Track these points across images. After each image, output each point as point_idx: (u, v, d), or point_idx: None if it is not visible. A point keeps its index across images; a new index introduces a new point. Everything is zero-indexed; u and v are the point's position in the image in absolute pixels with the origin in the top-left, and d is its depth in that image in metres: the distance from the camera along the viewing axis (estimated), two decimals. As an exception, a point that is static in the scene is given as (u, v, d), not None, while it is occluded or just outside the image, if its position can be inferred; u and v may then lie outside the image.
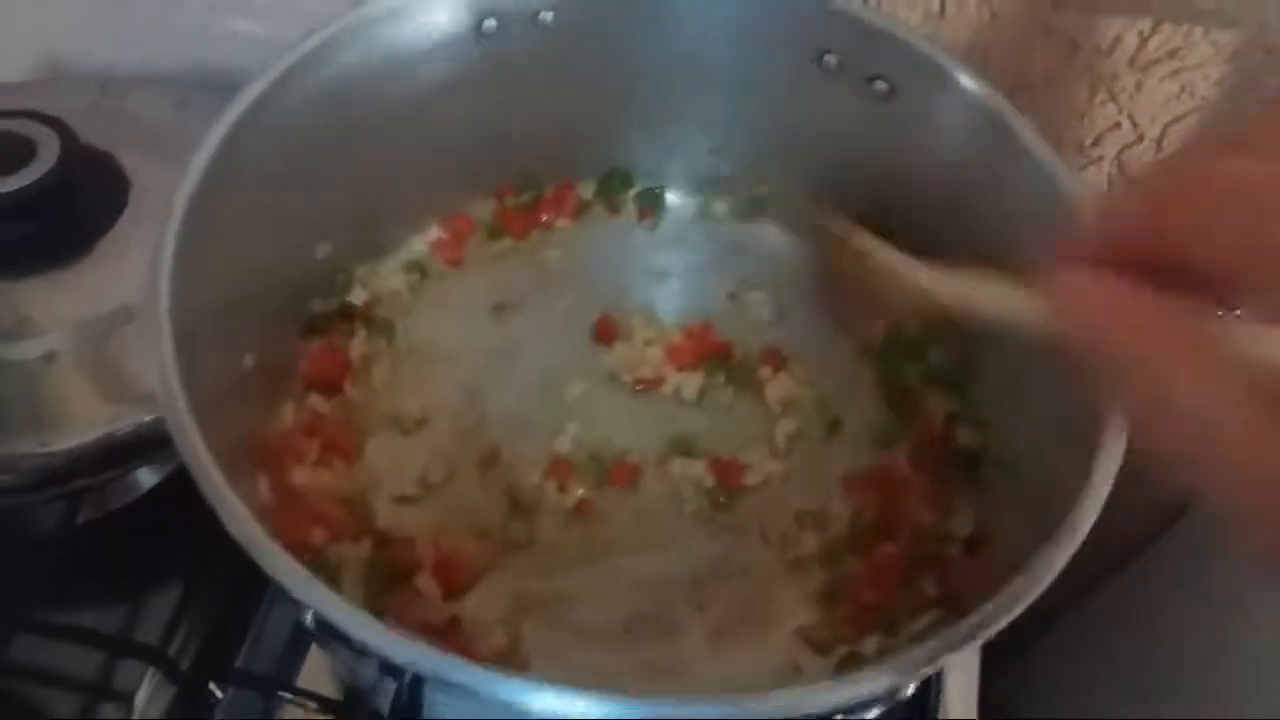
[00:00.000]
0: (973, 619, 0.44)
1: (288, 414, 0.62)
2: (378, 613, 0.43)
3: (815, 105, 0.65)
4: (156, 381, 0.47)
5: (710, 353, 0.69)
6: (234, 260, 0.55)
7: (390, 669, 0.44)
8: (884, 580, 0.60)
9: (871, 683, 0.44)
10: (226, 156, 0.54)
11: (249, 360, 0.60)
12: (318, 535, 0.58)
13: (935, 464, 0.62)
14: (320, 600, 0.42)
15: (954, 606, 0.57)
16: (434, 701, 0.47)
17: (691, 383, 0.68)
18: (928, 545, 0.60)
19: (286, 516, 0.57)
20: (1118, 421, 0.47)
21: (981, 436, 0.62)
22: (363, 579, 0.58)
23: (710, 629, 0.60)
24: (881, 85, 0.63)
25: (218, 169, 0.53)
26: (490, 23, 0.64)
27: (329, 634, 0.44)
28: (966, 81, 0.60)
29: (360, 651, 0.43)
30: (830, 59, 0.64)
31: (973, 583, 0.55)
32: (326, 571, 0.57)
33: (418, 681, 0.44)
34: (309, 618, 0.45)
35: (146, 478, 0.67)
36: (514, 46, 0.64)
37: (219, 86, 0.72)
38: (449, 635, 0.57)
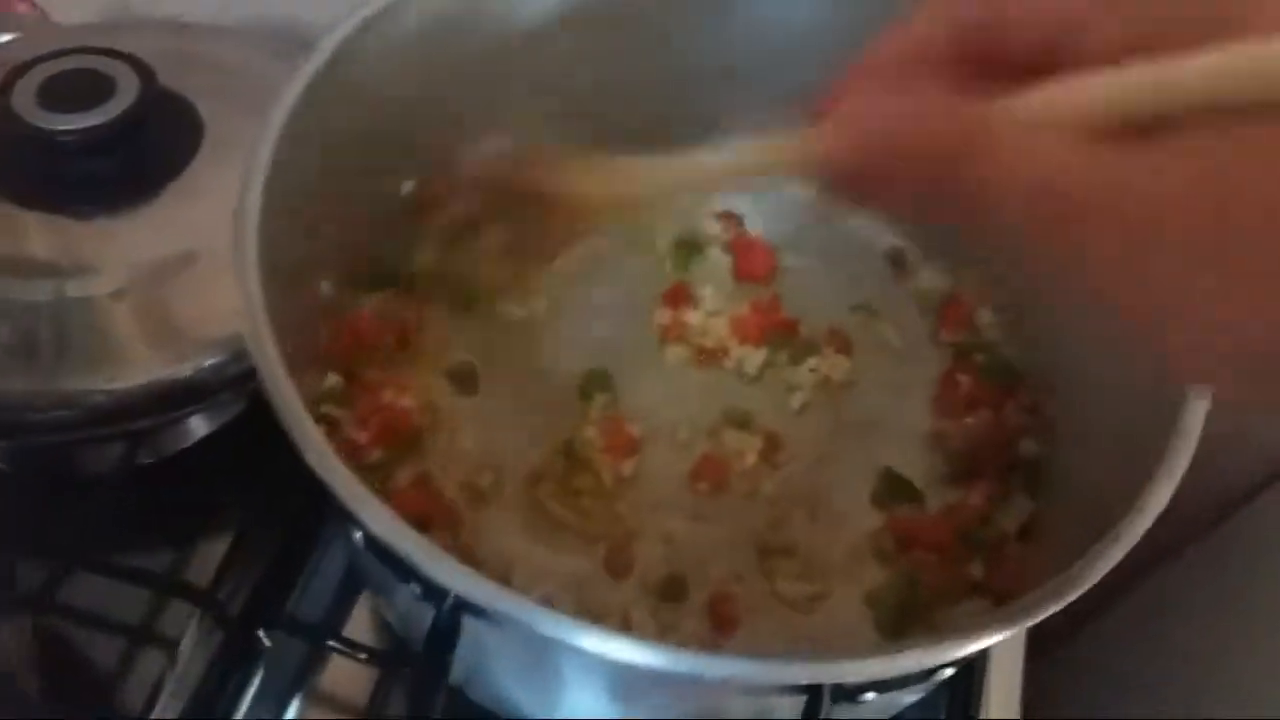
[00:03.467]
0: (1016, 605, 0.44)
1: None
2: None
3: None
4: (242, 302, 0.47)
5: (775, 328, 0.68)
6: (315, 196, 0.56)
7: (431, 593, 0.44)
8: (930, 559, 0.60)
9: (909, 657, 0.43)
10: (317, 92, 0.54)
11: (326, 288, 0.61)
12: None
13: (994, 468, 0.62)
14: (372, 514, 0.42)
15: (1001, 596, 0.56)
16: (470, 641, 0.47)
17: (754, 358, 0.68)
18: (978, 531, 0.59)
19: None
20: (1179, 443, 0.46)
21: (1045, 449, 0.62)
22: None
23: (750, 598, 0.60)
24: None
25: (307, 105, 0.54)
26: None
27: (376, 553, 0.44)
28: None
29: (405, 576, 0.43)
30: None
31: (1020, 572, 0.55)
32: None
33: (457, 609, 0.44)
34: (359, 537, 0.45)
35: (202, 424, 0.66)
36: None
37: (290, 38, 0.73)
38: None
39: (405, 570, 0.43)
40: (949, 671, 0.46)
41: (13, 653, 0.57)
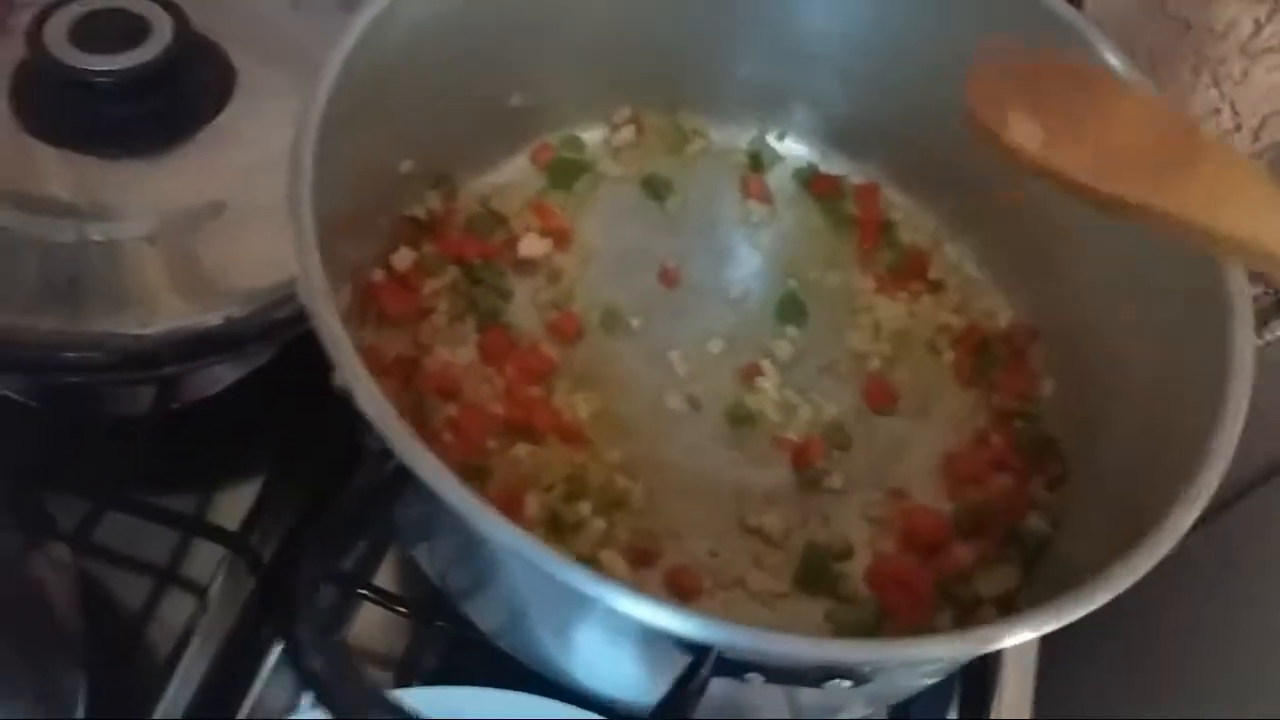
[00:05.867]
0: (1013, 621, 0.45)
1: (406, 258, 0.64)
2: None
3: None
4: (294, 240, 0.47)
5: None
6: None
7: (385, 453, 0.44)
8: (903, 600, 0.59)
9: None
10: (367, 42, 0.54)
11: (407, 166, 0.64)
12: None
13: (996, 532, 0.61)
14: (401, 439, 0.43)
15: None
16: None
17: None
18: (955, 587, 0.59)
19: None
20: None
21: (1052, 530, 0.61)
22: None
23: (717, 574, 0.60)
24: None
25: (361, 51, 0.54)
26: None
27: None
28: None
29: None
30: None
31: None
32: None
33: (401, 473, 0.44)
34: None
35: (229, 372, 0.66)
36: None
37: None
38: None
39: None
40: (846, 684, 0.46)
41: (51, 587, 0.55)
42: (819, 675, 0.44)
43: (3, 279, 0.58)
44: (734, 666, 0.43)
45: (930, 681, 0.58)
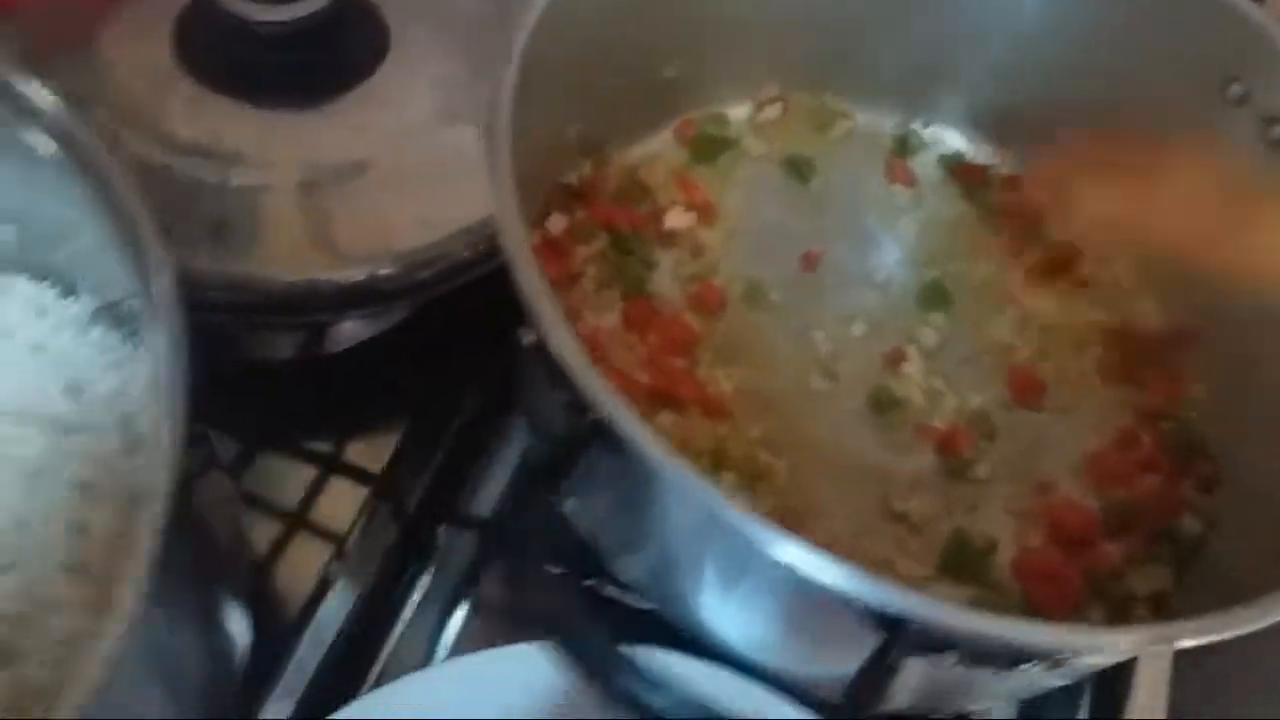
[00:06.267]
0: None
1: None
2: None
3: (1200, 132, 0.63)
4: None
5: None
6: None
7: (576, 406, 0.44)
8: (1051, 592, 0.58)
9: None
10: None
11: (572, 132, 0.64)
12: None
13: (1147, 531, 0.60)
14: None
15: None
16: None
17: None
18: (1107, 584, 0.58)
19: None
20: None
21: (1206, 531, 0.60)
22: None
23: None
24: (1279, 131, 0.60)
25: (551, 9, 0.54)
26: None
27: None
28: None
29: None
30: (1236, 89, 0.61)
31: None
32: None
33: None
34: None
35: (366, 328, 0.67)
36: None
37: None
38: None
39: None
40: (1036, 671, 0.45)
41: (214, 518, 0.56)
42: (1015, 658, 0.43)
43: (160, 217, 0.59)
44: (931, 646, 0.42)
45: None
